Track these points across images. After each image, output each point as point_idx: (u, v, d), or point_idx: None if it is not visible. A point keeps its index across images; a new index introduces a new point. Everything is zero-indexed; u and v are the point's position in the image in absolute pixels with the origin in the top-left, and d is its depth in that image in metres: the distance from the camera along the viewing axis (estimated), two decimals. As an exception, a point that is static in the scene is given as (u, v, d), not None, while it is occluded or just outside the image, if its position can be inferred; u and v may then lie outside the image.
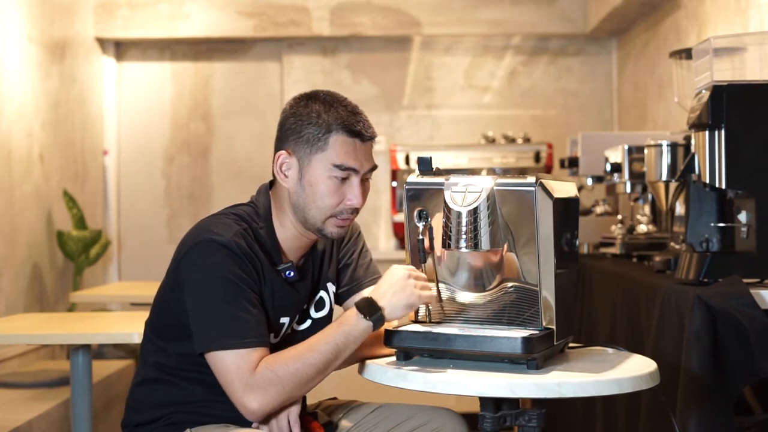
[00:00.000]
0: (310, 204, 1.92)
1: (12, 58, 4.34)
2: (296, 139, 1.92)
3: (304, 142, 1.91)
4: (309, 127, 1.90)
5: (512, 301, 1.86)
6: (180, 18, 5.52)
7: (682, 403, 2.04)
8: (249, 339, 1.80)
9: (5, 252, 4.16)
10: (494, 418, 1.78)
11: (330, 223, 1.93)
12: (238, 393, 1.78)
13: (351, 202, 1.92)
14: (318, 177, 1.90)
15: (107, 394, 4.10)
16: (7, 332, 2.64)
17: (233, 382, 1.79)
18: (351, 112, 1.92)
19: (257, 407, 1.78)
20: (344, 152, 1.90)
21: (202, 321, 1.83)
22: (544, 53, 5.73)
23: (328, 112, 1.91)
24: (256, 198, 2.02)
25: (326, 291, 2.06)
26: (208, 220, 1.94)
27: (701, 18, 3.90)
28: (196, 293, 1.85)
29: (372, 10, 5.49)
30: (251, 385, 1.77)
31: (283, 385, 1.79)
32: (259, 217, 1.96)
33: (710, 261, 2.24)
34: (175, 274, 1.91)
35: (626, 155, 3.19)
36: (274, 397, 1.79)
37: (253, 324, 1.82)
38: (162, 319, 1.97)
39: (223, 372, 1.80)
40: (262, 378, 1.78)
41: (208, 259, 1.84)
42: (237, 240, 1.86)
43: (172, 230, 5.74)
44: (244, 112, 5.77)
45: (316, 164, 1.90)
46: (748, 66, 2.38)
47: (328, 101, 1.93)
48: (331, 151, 1.89)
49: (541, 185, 1.78)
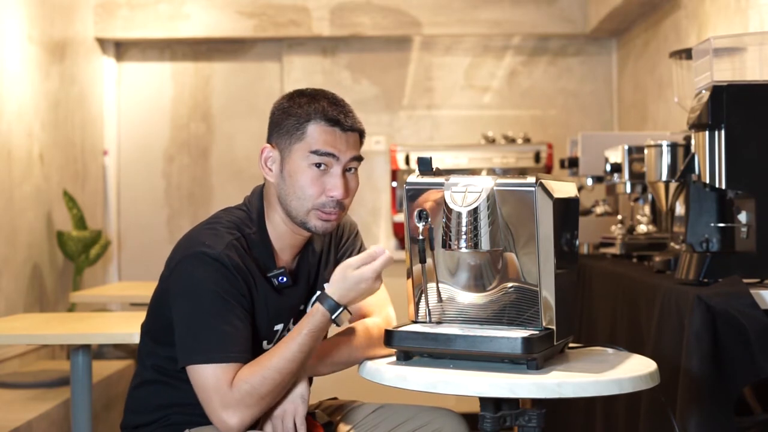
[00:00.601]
0: (291, 195, 1.90)
1: (12, 58, 4.34)
2: (278, 131, 1.93)
3: (284, 133, 1.91)
4: (289, 118, 1.91)
5: (512, 301, 1.86)
6: (180, 18, 5.52)
7: (682, 403, 2.04)
8: (231, 353, 1.79)
9: (5, 252, 4.16)
10: (494, 418, 1.78)
11: (313, 216, 1.91)
12: (216, 409, 1.77)
13: (333, 193, 1.89)
14: (297, 166, 1.89)
15: (107, 394, 4.10)
16: (7, 332, 2.64)
17: (211, 397, 1.78)
18: (332, 103, 1.92)
19: (237, 422, 1.77)
20: (322, 139, 1.89)
21: (186, 334, 1.82)
22: (544, 53, 5.73)
23: (309, 104, 1.91)
24: (249, 200, 2.01)
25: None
26: (200, 230, 1.93)
27: (701, 18, 3.90)
28: (182, 306, 1.84)
29: (372, 10, 5.49)
30: (229, 400, 1.77)
31: (262, 397, 1.79)
32: (252, 221, 1.95)
33: (710, 261, 2.24)
34: (166, 283, 1.90)
35: (626, 155, 3.19)
36: (255, 409, 1.79)
37: (237, 339, 1.81)
38: (156, 323, 1.97)
39: (201, 386, 1.79)
40: (239, 392, 1.77)
41: (198, 273, 1.83)
42: (229, 253, 1.85)
43: (172, 230, 5.74)
44: (244, 112, 5.77)
45: (295, 154, 1.90)
46: (748, 66, 2.38)
47: (312, 95, 1.94)
48: (310, 139, 1.89)
49: (541, 185, 1.78)
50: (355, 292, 1.85)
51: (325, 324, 1.85)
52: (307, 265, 2.02)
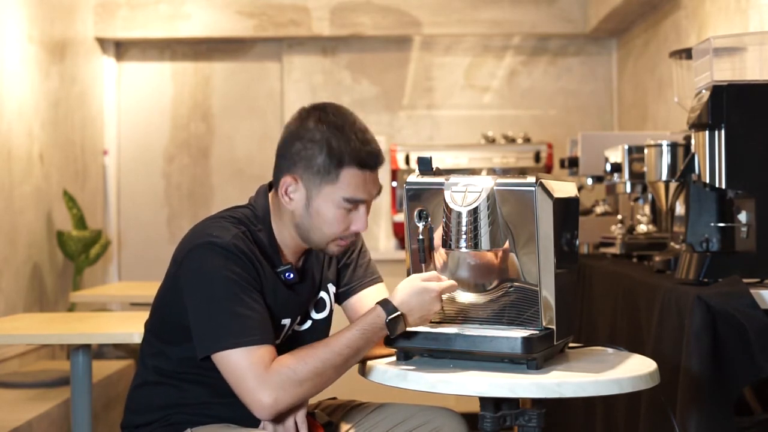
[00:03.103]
0: (315, 229, 1.91)
1: (12, 58, 4.34)
2: (305, 168, 1.87)
3: (315, 172, 1.87)
4: (319, 156, 1.86)
5: (512, 301, 1.86)
6: (180, 18, 5.52)
7: (682, 403, 2.04)
8: (255, 336, 1.78)
9: (5, 252, 4.16)
10: (494, 418, 1.79)
11: (332, 244, 1.94)
12: (251, 388, 1.75)
13: (356, 227, 1.91)
14: (326, 208, 1.88)
15: (107, 394, 4.10)
16: (7, 332, 2.64)
17: (245, 377, 1.75)
18: (362, 140, 1.87)
19: (272, 402, 1.75)
20: (355, 185, 1.87)
21: (206, 323, 1.81)
22: (544, 53, 5.73)
23: (339, 140, 1.85)
24: (254, 200, 1.99)
25: (327, 292, 2.06)
26: (205, 223, 1.92)
27: (701, 18, 3.90)
28: (197, 296, 1.82)
29: (372, 10, 5.49)
30: (267, 381, 1.75)
31: (301, 383, 1.77)
32: (258, 219, 1.94)
33: (710, 261, 2.24)
34: (174, 278, 1.89)
35: (626, 155, 3.19)
36: (292, 395, 1.77)
37: (258, 321, 1.80)
38: (162, 321, 1.96)
39: (233, 370, 1.77)
40: (279, 375, 1.76)
41: (208, 262, 1.82)
42: (236, 242, 1.84)
43: (172, 230, 5.74)
44: (244, 112, 5.77)
45: (326, 195, 1.87)
46: (748, 66, 2.38)
47: (339, 125, 1.87)
48: (342, 184, 1.86)
49: (541, 185, 1.78)
50: (416, 302, 1.84)
51: (378, 325, 1.83)
52: (312, 264, 2.02)
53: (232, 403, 1.86)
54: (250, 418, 1.86)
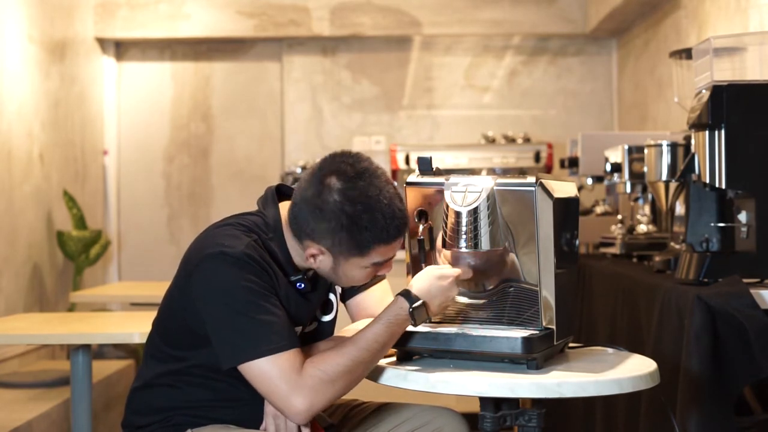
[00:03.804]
0: (341, 282, 1.94)
1: (12, 58, 4.34)
2: (331, 244, 1.84)
3: (345, 249, 1.84)
4: (347, 238, 1.82)
5: (512, 301, 1.86)
6: (180, 18, 5.52)
7: (682, 403, 2.04)
8: (282, 342, 1.75)
9: (5, 252, 4.16)
10: (494, 418, 1.78)
11: None
12: (285, 395, 1.73)
13: (383, 273, 1.95)
14: (355, 272, 1.89)
15: (107, 394, 4.10)
16: (7, 332, 2.64)
17: (278, 385, 1.73)
18: (390, 216, 1.83)
19: (307, 406, 1.73)
20: (383, 253, 1.87)
21: (229, 335, 1.78)
22: (544, 53, 5.73)
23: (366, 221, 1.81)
24: (263, 207, 1.96)
25: (334, 293, 2.05)
26: (215, 231, 1.89)
27: (701, 18, 3.90)
28: (216, 309, 1.79)
29: (372, 10, 5.49)
30: (300, 385, 1.73)
31: (333, 383, 1.75)
32: (269, 227, 1.91)
33: (710, 261, 2.24)
34: (185, 286, 1.86)
35: (626, 155, 3.19)
36: (326, 396, 1.75)
37: (281, 326, 1.78)
38: (170, 325, 1.94)
39: (264, 379, 1.75)
40: (312, 378, 1.74)
41: (222, 273, 1.79)
42: (248, 251, 1.81)
43: (172, 230, 5.74)
44: (244, 112, 5.77)
45: (354, 264, 1.87)
46: (748, 66, 2.38)
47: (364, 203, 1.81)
48: (371, 256, 1.86)
49: (541, 185, 1.78)
50: (435, 288, 1.84)
51: (402, 317, 1.82)
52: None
53: (234, 406, 1.86)
54: (251, 419, 1.87)
